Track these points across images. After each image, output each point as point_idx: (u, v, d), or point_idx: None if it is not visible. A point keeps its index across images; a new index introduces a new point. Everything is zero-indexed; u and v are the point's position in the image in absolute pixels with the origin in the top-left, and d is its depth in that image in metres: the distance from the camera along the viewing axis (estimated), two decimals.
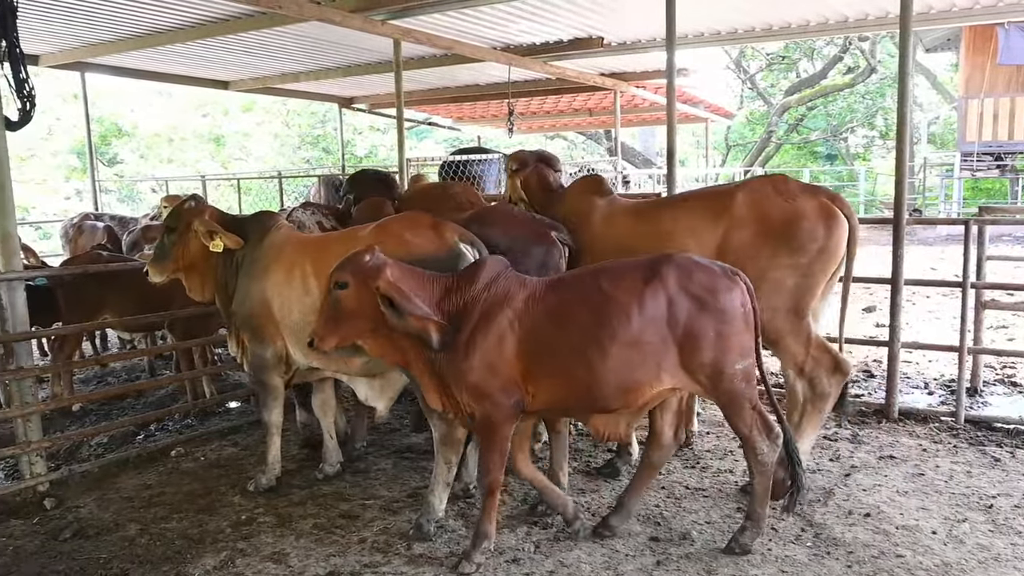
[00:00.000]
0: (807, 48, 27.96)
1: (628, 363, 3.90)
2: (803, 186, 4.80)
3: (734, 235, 4.73)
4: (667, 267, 3.96)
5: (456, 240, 4.43)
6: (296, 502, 5.16)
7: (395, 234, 4.46)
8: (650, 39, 10.42)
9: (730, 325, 3.95)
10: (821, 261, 4.56)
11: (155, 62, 11.45)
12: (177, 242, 5.14)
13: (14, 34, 5.08)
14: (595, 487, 5.27)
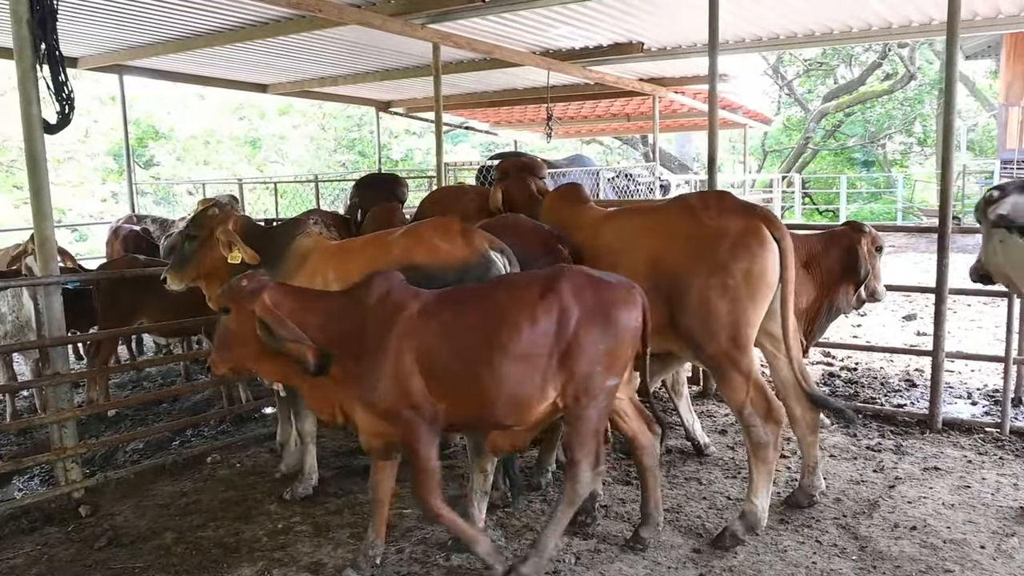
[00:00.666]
0: (845, 54, 27.64)
1: (518, 377, 3.77)
2: (738, 205, 4.50)
3: (666, 252, 4.49)
4: (564, 280, 3.83)
5: (486, 247, 4.35)
6: (332, 511, 5.09)
7: (426, 240, 4.39)
8: (690, 44, 10.29)
9: (617, 341, 3.83)
10: (748, 285, 4.25)
11: (194, 65, 11.48)
12: (198, 250, 5.05)
13: (54, 36, 5.07)
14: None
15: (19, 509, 5.14)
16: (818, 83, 30.22)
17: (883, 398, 7.22)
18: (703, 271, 4.31)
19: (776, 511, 4.85)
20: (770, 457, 4.38)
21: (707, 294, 4.30)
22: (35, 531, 4.96)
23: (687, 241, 4.41)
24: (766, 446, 4.35)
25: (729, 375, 4.37)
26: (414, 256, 4.32)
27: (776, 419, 4.37)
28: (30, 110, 5.05)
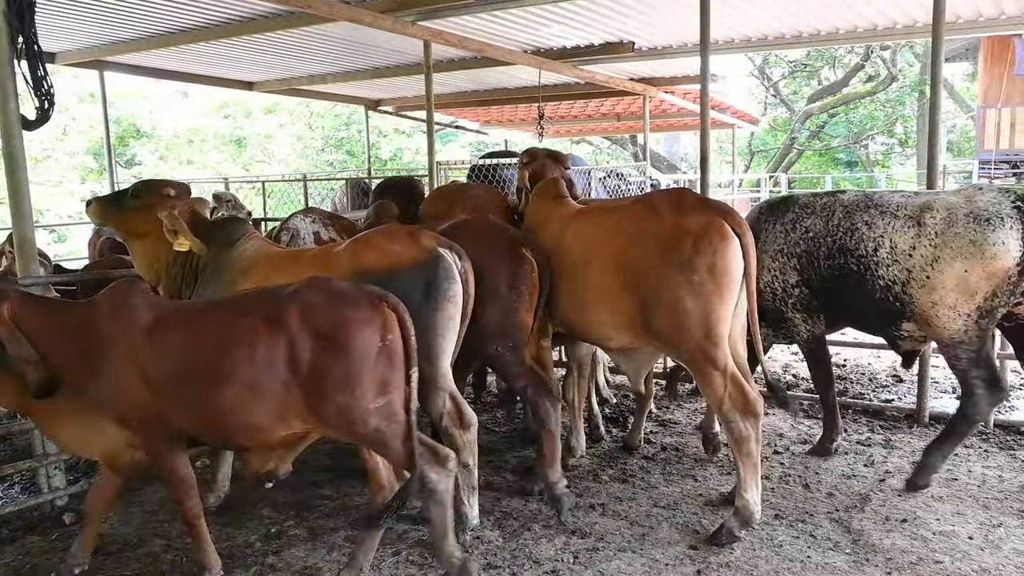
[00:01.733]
0: (829, 56, 27.73)
1: (246, 405, 3.63)
2: (698, 201, 4.58)
3: (630, 251, 4.55)
4: (292, 304, 3.65)
5: (434, 245, 4.29)
6: (327, 514, 5.04)
7: (374, 244, 4.34)
8: (681, 44, 10.26)
9: (361, 363, 3.61)
10: (714, 280, 4.30)
11: (178, 61, 11.27)
12: (134, 211, 4.90)
13: (32, 30, 4.94)
14: (632, 495, 5.14)
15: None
16: (803, 84, 30.31)
17: (871, 393, 7.37)
18: (669, 270, 4.36)
19: (770, 506, 4.89)
20: (753, 451, 4.39)
21: (676, 292, 4.35)
22: (16, 541, 4.84)
23: (651, 240, 4.46)
24: (747, 440, 4.37)
25: (705, 371, 4.42)
26: (364, 261, 4.25)
27: (755, 412, 4.37)
28: (7, 106, 4.92)
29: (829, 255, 5.31)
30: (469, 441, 4.48)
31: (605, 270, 4.64)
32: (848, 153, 31.84)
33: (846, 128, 29.78)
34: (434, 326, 4.21)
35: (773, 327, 5.77)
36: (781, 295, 5.57)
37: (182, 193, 5.01)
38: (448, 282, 4.24)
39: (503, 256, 4.75)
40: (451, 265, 4.27)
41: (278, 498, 5.27)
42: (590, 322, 4.88)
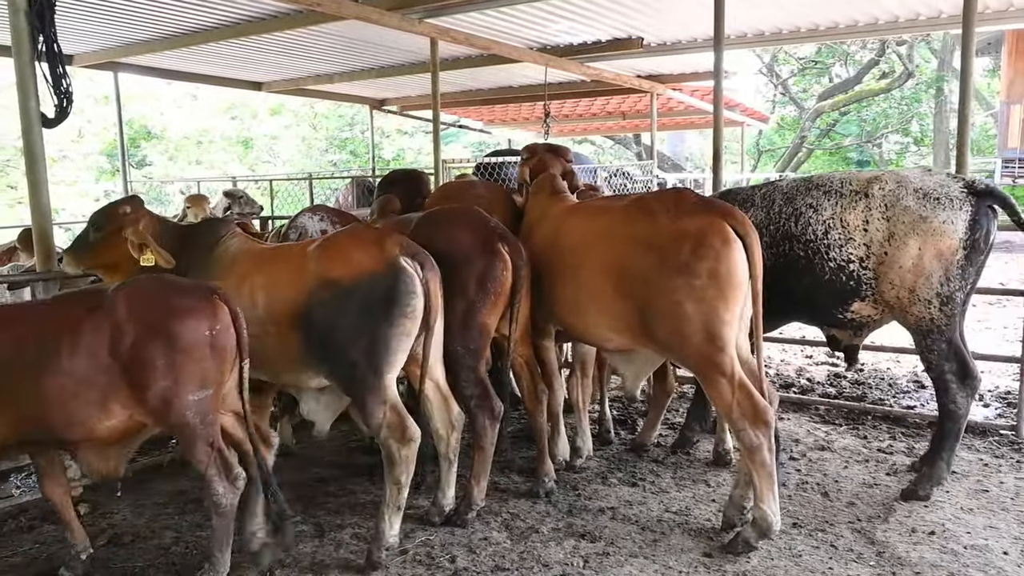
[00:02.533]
0: (841, 52, 27.61)
1: (68, 393, 3.65)
2: (697, 203, 4.37)
3: (624, 254, 4.40)
4: (119, 292, 3.78)
5: (396, 254, 4.16)
6: (333, 511, 5.01)
7: (340, 250, 4.24)
8: (691, 40, 10.19)
9: (185, 353, 3.70)
10: (715, 285, 4.12)
11: (189, 63, 11.38)
12: (101, 242, 4.81)
13: (52, 29, 4.97)
14: (642, 499, 5.09)
15: (16, 507, 5.06)
16: (813, 82, 30.19)
17: (891, 399, 7.17)
18: (668, 276, 4.21)
19: (788, 514, 4.78)
20: (767, 459, 4.20)
21: (675, 298, 4.20)
22: (33, 529, 4.88)
23: (646, 244, 4.31)
24: (759, 449, 4.19)
25: (712, 377, 4.25)
26: (330, 270, 4.17)
27: (764, 421, 4.19)
28: (28, 103, 4.98)
29: (772, 243, 5.20)
30: (406, 457, 4.20)
31: (598, 272, 4.52)
32: (860, 152, 31.69)
33: (858, 126, 29.63)
34: (386, 340, 4.11)
35: None
36: None
37: (138, 208, 4.89)
38: (407, 296, 4.12)
39: (474, 249, 4.63)
40: (412, 278, 4.14)
41: (284, 494, 5.21)
42: (585, 324, 4.77)
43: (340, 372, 4.22)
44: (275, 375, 4.53)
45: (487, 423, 4.72)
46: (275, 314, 4.28)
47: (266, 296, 4.34)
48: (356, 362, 4.11)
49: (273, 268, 4.43)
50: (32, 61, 4.97)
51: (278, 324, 4.28)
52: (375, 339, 4.08)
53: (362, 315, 4.06)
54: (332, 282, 4.11)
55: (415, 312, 4.16)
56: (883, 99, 27.84)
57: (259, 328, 4.32)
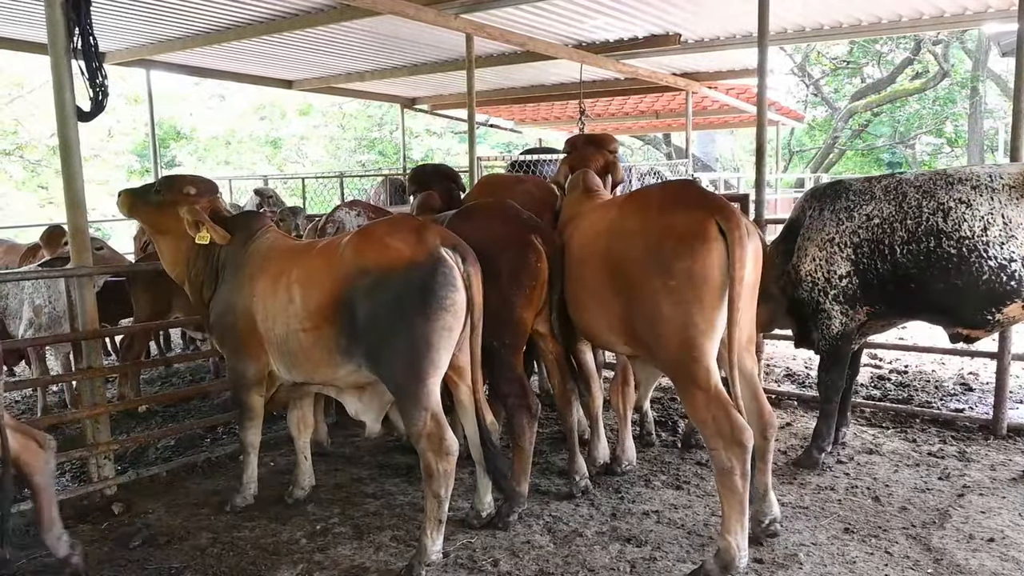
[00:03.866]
0: (874, 52, 27.24)
1: None
2: (694, 197, 4.05)
3: (617, 249, 4.14)
4: None
5: (436, 244, 4.01)
6: (372, 512, 4.91)
7: (376, 240, 4.10)
8: (730, 36, 10.01)
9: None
10: (692, 287, 3.79)
11: (221, 60, 11.37)
12: (157, 207, 4.85)
13: (87, 22, 4.91)
14: (687, 502, 4.95)
15: None
16: (845, 82, 29.82)
17: (939, 402, 6.96)
18: (647, 272, 3.93)
19: (838, 519, 4.64)
20: (737, 485, 3.80)
21: (653, 297, 3.91)
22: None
23: (634, 239, 4.04)
24: (730, 472, 3.80)
25: (685, 387, 3.94)
26: (364, 259, 4.05)
27: (740, 442, 3.78)
28: (64, 96, 4.92)
29: (911, 239, 4.93)
30: (445, 471, 3.99)
31: (598, 269, 4.29)
32: (892, 153, 31.27)
33: (891, 127, 29.23)
34: (425, 336, 3.91)
35: (798, 320, 5.51)
36: (822, 285, 5.24)
37: (203, 190, 4.91)
38: (446, 289, 3.93)
39: (507, 240, 4.50)
40: (452, 269, 3.96)
41: (321, 495, 5.17)
42: (590, 325, 4.56)
43: (380, 368, 4.10)
44: (312, 373, 4.44)
45: (525, 422, 4.60)
46: (312, 308, 4.20)
47: (302, 290, 4.26)
48: (395, 360, 3.98)
49: (308, 261, 4.35)
50: (68, 53, 4.91)
51: (315, 318, 4.20)
52: (413, 334, 3.92)
53: (398, 306, 3.90)
54: (368, 271, 3.99)
55: (455, 307, 3.98)
56: (916, 99, 27.42)
57: (296, 324, 4.27)
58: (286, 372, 4.57)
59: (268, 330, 4.47)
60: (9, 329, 6.35)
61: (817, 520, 4.65)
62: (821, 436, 5.46)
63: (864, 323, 5.30)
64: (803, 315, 5.44)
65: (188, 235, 4.76)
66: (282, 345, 4.43)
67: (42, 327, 6.21)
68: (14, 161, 22.60)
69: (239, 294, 4.61)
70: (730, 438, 3.80)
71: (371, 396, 4.53)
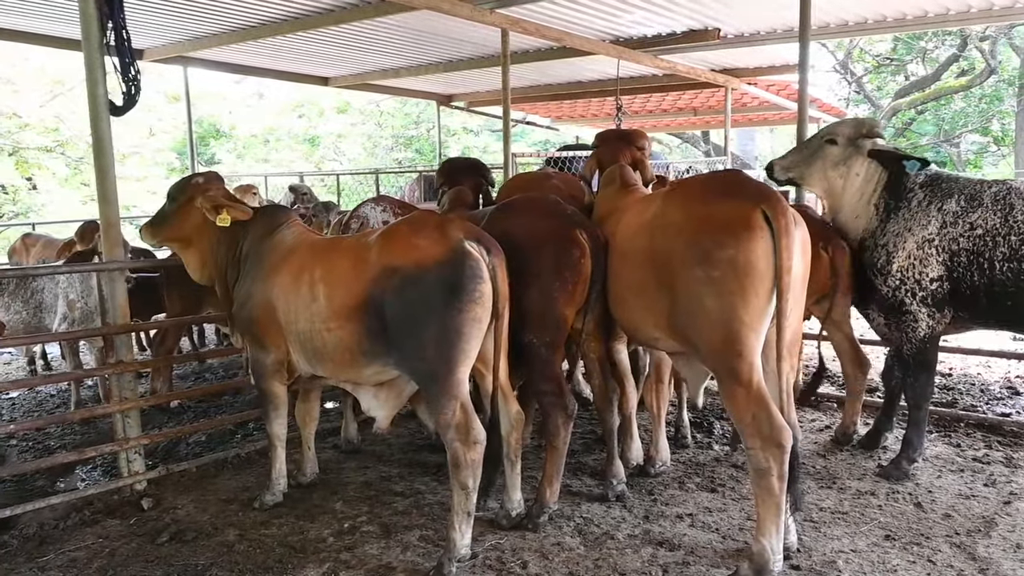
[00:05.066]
0: (919, 50, 26.73)
1: None
2: (739, 185, 3.92)
3: (660, 240, 4.00)
4: None
5: (460, 239, 3.98)
6: (400, 511, 4.84)
7: (401, 237, 4.09)
8: (771, 31, 9.77)
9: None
10: (735, 278, 3.66)
11: (257, 57, 11.38)
12: (175, 213, 4.91)
13: (120, 15, 4.90)
14: (722, 505, 4.82)
15: (81, 500, 5.01)
16: (888, 80, 29.28)
17: (984, 406, 6.75)
18: (689, 265, 3.80)
19: (879, 525, 4.50)
20: (774, 487, 3.70)
21: (694, 288, 3.79)
22: (97, 523, 4.82)
23: (677, 230, 3.92)
24: (766, 473, 3.70)
25: (726, 384, 3.82)
26: (391, 257, 4.02)
27: (778, 443, 3.68)
28: (96, 90, 4.92)
29: (1013, 256, 4.72)
30: (473, 460, 4.00)
31: (642, 263, 4.17)
32: (937, 152, 30.65)
33: (935, 126, 28.64)
34: (457, 328, 3.92)
35: (884, 316, 5.30)
36: (911, 285, 5.03)
37: (210, 178, 5.00)
38: (474, 282, 3.93)
39: (549, 234, 4.41)
40: (477, 262, 3.97)
41: (350, 493, 5.12)
42: (632, 320, 4.46)
43: (410, 364, 4.08)
44: (337, 371, 4.42)
45: (560, 422, 4.50)
46: (337, 307, 4.17)
47: (327, 288, 4.23)
48: (426, 353, 3.96)
49: (333, 259, 4.32)
50: (101, 46, 4.90)
51: (340, 317, 4.17)
52: (444, 327, 3.91)
53: (429, 302, 3.90)
54: (396, 270, 3.98)
55: (483, 298, 3.98)
56: (961, 97, 26.83)
57: (321, 323, 4.24)
58: (307, 366, 4.56)
59: (289, 323, 4.46)
60: (44, 322, 6.39)
61: (857, 526, 4.51)
62: (912, 446, 5.23)
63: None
64: (882, 308, 5.26)
65: (209, 233, 4.83)
66: (305, 342, 4.40)
67: (75, 321, 6.24)
68: (56, 158, 22.93)
69: (260, 284, 4.61)
70: (769, 438, 3.70)
71: (388, 392, 4.50)
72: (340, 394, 5.80)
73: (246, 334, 4.75)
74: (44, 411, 7.16)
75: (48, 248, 7.56)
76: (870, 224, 5.27)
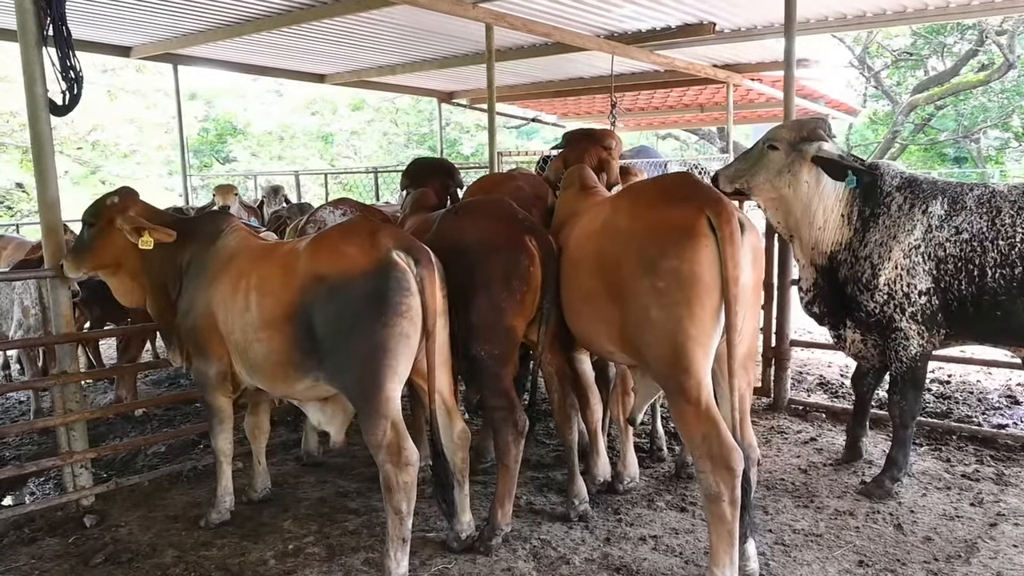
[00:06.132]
0: (938, 44, 26.18)
1: None
2: (688, 189, 3.71)
3: (609, 247, 3.80)
4: None
5: (389, 248, 3.76)
6: (350, 531, 4.62)
7: (330, 245, 3.88)
8: (767, 24, 9.44)
9: None
10: (679, 288, 3.46)
11: (250, 54, 11.22)
12: (96, 239, 4.61)
13: (60, 11, 4.69)
14: (690, 526, 4.56)
15: (24, 517, 4.81)
16: (907, 75, 28.71)
17: (980, 417, 6.40)
18: (636, 275, 3.60)
19: (854, 549, 4.23)
20: (726, 514, 3.49)
21: (641, 300, 3.59)
22: (35, 542, 4.62)
23: (623, 238, 3.72)
24: (717, 498, 3.49)
25: (675, 401, 3.61)
26: (319, 265, 3.82)
27: (728, 466, 3.46)
28: (35, 89, 4.72)
29: (1004, 263, 4.46)
30: (405, 483, 3.76)
31: (592, 271, 3.95)
32: (957, 148, 30.03)
33: (955, 121, 28.06)
34: (383, 343, 3.70)
35: (867, 336, 5.00)
36: (899, 300, 4.70)
37: (126, 194, 4.72)
38: (400, 295, 3.71)
39: (498, 241, 4.17)
40: (404, 273, 3.74)
41: (301, 510, 4.91)
42: (586, 331, 4.22)
43: (339, 379, 3.88)
44: (271, 384, 4.22)
45: (511, 439, 4.26)
46: (267, 317, 3.98)
47: (258, 297, 4.04)
48: (353, 368, 3.76)
49: (266, 266, 4.12)
50: (39, 44, 4.69)
51: (271, 327, 3.97)
52: (371, 342, 3.70)
53: (354, 315, 3.71)
54: (323, 278, 3.78)
55: (411, 312, 3.76)
56: (982, 92, 26.25)
57: (253, 332, 4.05)
58: (248, 377, 4.38)
59: (229, 333, 4.26)
60: (2, 329, 6.24)
61: (830, 551, 4.24)
62: (897, 465, 4.95)
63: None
64: (865, 326, 4.94)
65: (137, 253, 4.57)
66: (242, 352, 4.22)
67: (31, 329, 6.07)
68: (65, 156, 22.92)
69: (202, 293, 4.40)
70: (719, 460, 3.48)
71: (335, 406, 4.30)
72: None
73: (189, 343, 4.55)
74: (8, 419, 6.98)
75: (19, 250, 7.40)
76: (841, 236, 4.93)
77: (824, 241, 4.96)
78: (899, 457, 4.95)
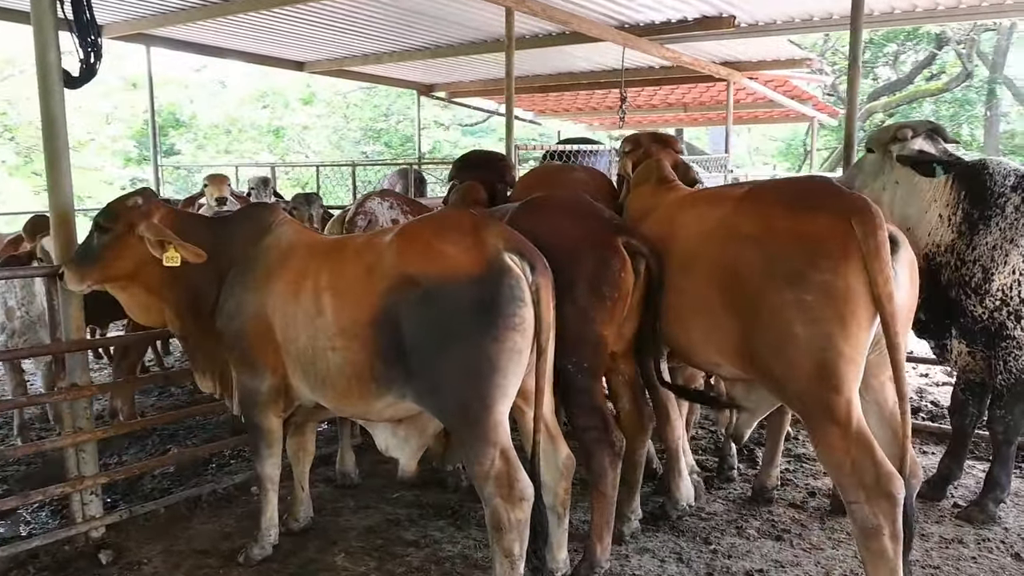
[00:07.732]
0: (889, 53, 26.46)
1: None
2: (830, 196, 3.38)
3: (732, 254, 3.43)
4: None
5: (500, 250, 3.24)
6: (415, 567, 4.06)
7: (424, 242, 3.33)
8: (787, 20, 9.05)
9: None
10: (832, 305, 3.15)
11: (226, 38, 10.50)
12: (111, 246, 3.89)
13: None
14: (793, 558, 4.11)
15: (27, 553, 4.11)
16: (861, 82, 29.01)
17: None
18: (775, 287, 3.23)
19: None
20: (888, 550, 3.10)
21: (782, 314, 3.21)
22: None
23: (751, 244, 3.35)
24: (876, 534, 3.10)
25: (819, 425, 3.23)
26: (410, 264, 3.28)
27: (887, 493, 3.10)
28: (47, 56, 4.04)
29: None
30: (519, 521, 3.25)
31: (705, 277, 3.56)
32: None
33: None
34: (492, 359, 3.19)
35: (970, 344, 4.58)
36: (1015, 306, 4.32)
37: (148, 197, 4.02)
38: (514, 305, 3.21)
39: (585, 244, 3.71)
40: (519, 281, 3.24)
41: (352, 542, 4.31)
42: (691, 342, 3.80)
43: (433, 399, 3.33)
44: (341, 401, 3.62)
45: (607, 462, 3.77)
46: (345, 323, 3.41)
47: (334, 300, 3.46)
48: (455, 389, 3.22)
49: (343, 265, 3.54)
50: (52, 6, 4.01)
51: (349, 333, 3.40)
52: (477, 358, 3.17)
53: (457, 326, 3.17)
54: (416, 281, 3.23)
55: (524, 324, 3.22)
56: (932, 101, 26.65)
57: (326, 340, 3.47)
58: (309, 392, 3.76)
59: (288, 341, 3.65)
60: None
61: None
62: (1000, 485, 4.58)
63: None
64: (970, 333, 4.51)
65: (153, 268, 3.88)
66: (307, 363, 3.61)
67: (15, 332, 5.32)
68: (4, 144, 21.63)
69: (251, 295, 3.78)
70: (875, 488, 3.10)
71: (409, 429, 3.73)
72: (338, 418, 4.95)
73: (232, 354, 3.90)
74: None
75: None
76: (940, 237, 4.54)
77: (918, 241, 4.55)
78: (1001, 477, 4.60)
